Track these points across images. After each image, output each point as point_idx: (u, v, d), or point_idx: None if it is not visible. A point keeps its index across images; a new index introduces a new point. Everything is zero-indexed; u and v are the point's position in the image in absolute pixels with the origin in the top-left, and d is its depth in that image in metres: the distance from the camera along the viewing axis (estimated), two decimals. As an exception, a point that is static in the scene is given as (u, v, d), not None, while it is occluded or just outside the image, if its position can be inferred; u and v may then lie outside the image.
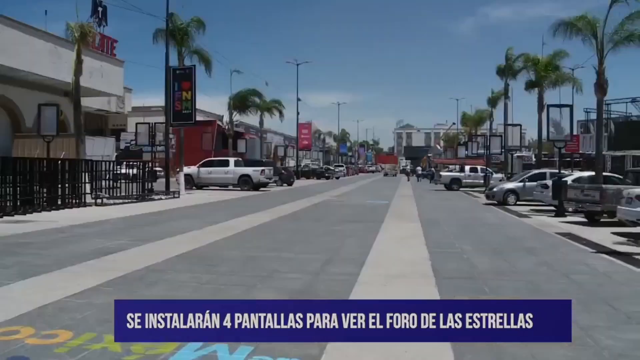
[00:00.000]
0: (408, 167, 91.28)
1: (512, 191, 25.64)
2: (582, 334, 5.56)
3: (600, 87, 22.31)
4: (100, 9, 41.21)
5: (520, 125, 40.22)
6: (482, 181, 38.13)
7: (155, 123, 34.31)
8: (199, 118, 34.26)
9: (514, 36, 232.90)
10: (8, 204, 17.15)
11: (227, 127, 52.49)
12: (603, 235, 14.00)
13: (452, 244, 12.29)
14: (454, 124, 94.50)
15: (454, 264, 9.60)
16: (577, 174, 24.04)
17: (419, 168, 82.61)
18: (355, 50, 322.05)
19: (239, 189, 34.98)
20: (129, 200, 23.35)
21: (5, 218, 16.04)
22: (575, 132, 34.63)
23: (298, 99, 71.64)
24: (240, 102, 51.33)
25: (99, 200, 21.50)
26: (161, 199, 25.59)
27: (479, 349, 5.03)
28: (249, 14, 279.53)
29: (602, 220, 17.20)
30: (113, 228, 14.28)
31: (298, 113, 73.14)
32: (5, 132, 36.64)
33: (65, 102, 35.17)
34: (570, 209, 19.21)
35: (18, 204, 17.48)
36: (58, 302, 6.47)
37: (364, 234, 13.77)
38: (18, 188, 17.67)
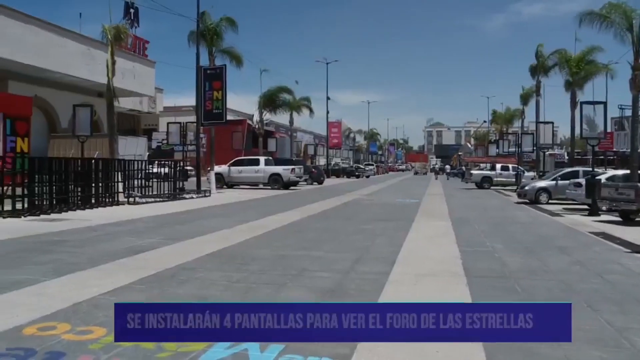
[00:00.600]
0: (437, 165, 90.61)
1: (544, 189, 25.28)
2: (617, 336, 5.47)
3: (635, 83, 21.84)
4: (132, 10, 41.79)
5: (553, 123, 39.58)
6: (514, 179, 37.66)
7: (186, 123, 34.72)
8: (229, 117, 34.50)
9: (546, 33, 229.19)
10: (44, 203, 17.49)
11: (257, 126, 52.74)
12: (638, 234, 13.72)
13: (483, 242, 12.17)
14: (484, 122, 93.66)
15: (485, 263, 9.51)
16: (611, 172, 23.58)
17: (447, 166, 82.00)
18: (384, 48, 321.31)
19: (269, 187, 35.13)
20: (161, 199, 23.63)
21: (42, 216, 16.37)
22: (609, 130, 34.02)
23: (328, 98, 71.63)
24: (270, 101, 51.51)
25: (131, 199, 21.80)
26: (192, 197, 25.84)
27: (510, 349, 4.97)
28: (278, 13, 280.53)
29: (637, 219, 16.85)
30: (145, 227, 14.46)
31: (328, 112, 73.19)
32: (42, 132, 37.35)
33: (99, 102, 35.77)
34: (604, 208, 18.87)
35: (54, 202, 17.81)
36: (92, 300, 6.58)
37: (394, 232, 13.72)
38: (54, 187, 18.01)
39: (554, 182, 25.21)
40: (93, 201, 19.82)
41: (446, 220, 16.78)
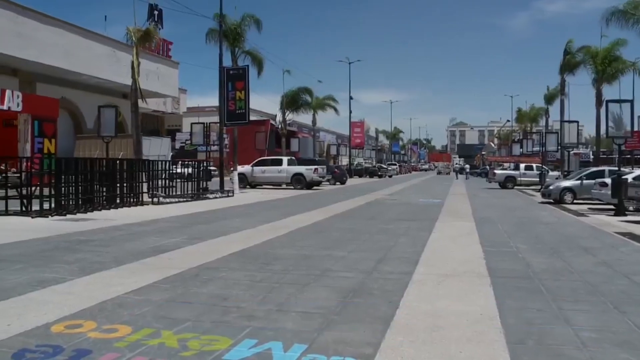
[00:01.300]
0: (457, 165, 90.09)
1: (569, 189, 24.97)
2: (646, 338, 5.37)
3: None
4: (156, 12, 42.12)
5: (577, 122, 39.05)
6: (538, 179, 37.27)
7: (209, 123, 34.91)
8: (252, 117, 34.66)
9: (570, 30, 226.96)
10: (70, 203, 17.72)
11: (280, 126, 52.88)
12: (667, 234, 13.49)
13: (507, 242, 12.05)
14: (508, 121, 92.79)
15: (509, 263, 9.41)
16: (638, 171, 23.21)
17: (467, 166, 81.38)
18: (407, 47, 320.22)
19: (292, 187, 35.21)
20: (184, 199, 23.80)
21: (68, 216, 16.58)
22: (635, 128, 33.41)
23: (350, 97, 71.53)
24: (293, 101, 51.63)
25: (155, 199, 21.99)
26: (215, 197, 25.99)
27: (536, 351, 4.91)
28: (300, 13, 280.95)
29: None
30: (169, 226, 14.57)
31: (350, 111, 73.10)
32: (68, 133, 37.92)
33: (124, 103, 36.19)
34: (630, 208, 18.59)
35: (80, 202, 18.02)
36: (117, 298, 6.65)
37: (417, 232, 13.66)
38: (80, 187, 18.23)
39: (578, 181, 24.89)
40: (118, 201, 20.03)
41: (469, 220, 16.66)
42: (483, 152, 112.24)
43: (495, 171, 44.55)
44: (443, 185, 43.89)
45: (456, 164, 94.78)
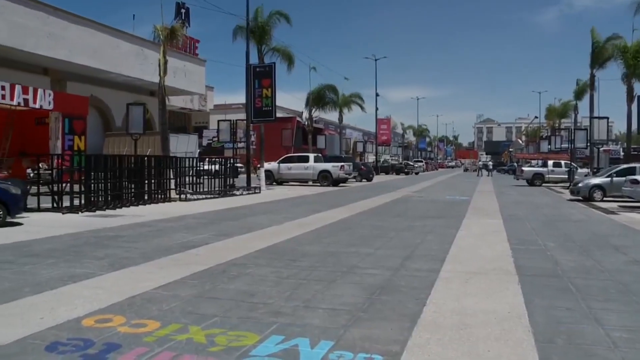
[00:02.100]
0: (480, 162, 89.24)
1: (598, 187, 24.53)
2: (680, 337, 5.27)
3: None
4: (183, 10, 42.47)
5: (608, 118, 38.38)
6: (566, 176, 36.73)
7: (236, 120, 35.10)
8: (278, 114, 34.75)
9: (600, 25, 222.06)
10: (100, 199, 17.96)
11: (306, 123, 52.93)
12: (701, 233, 13.20)
13: (535, 240, 11.91)
14: (536, 117, 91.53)
15: (537, 261, 9.30)
16: (671, 168, 22.74)
17: (490, 163, 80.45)
18: (434, 44, 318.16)
19: (319, 184, 35.23)
20: (212, 196, 23.95)
21: (98, 212, 16.82)
22: (668, 124, 32.73)
23: (377, 94, 71.22)
24: (319, 98, 51.61)
25: (183, 196, 22.18)
26: (242, 194, 26.12)
27: (566, 351, 4.85)
28: (326, 10, 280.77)
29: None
30: (196, 223, 14.70)
31: (377, 108, 72.81)
32: (97, 130, 38.46)
33: (151, 101, 36.57)
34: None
35: (109, 199, 18.27)
36: (146, 294, 6.73)
37: (444, 229, 13.57)
38: (109, 184, 18.48)
39: (608, 179, 24.45)
40: (146, 198, 20.25)
41: (497, 218, 16.50)
42: (510, 149, 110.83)
43: (523, 168, 43.96)
44: (470, 183, 43.52)
45: (482, 161, 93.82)
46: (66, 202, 16.87)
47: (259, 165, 32.68)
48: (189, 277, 7.69)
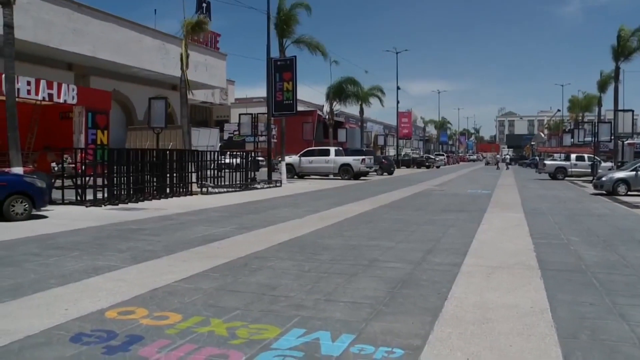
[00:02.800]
0: (498, 156, 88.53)
1: (622, 180, 24.15)
2: None
3: None
4: (204, 4, 42.58)
5: (632, 111, 37.71)
6: (589, 170, 36.23)
7: (257, 114, 35.14)
8: (299, 108, 34.71)
9: (625, 17, 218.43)
10: (122, 192, 18.14)
11: (327, 116, 52.87)
12: None
13: (558, 234, 11.78)
14: (558, 110, 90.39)
15: (560, 256, 9.19)
16: (699, 162, 22.30)
17: (507, 156, 79.68)
18: (455, 37, 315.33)
19: (340, 178, 35.20)
20: (233, 189, 24.06)
21: (120, 205, 16.99)
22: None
23: (398, 88, 71.03)
24: (339, 91, 51.48)
25: (204, 189, 22.30)
26: (263, 187, 26.20)
27: (590, 348, 4.78)
28: (347, 3, 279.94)
29: None
30: (218, 216, 14.77)
31: (398, 102, 72.82)
32: (120, 124, 38.80)
33: (173, 95, 36.80)
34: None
35: (131, 192, 18.44)
36: (168, 286, 6.78)
37: (465, 223, 13.49)
38: (131, 177, 18.65)
39: (633, 172, 24.07)
40: (168, 191, 20.40)
41: (519, 212, 16.35)
42: (532, 143, 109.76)
43: (546, 162, 43.45)
44: (491, 176, 43.18)
45: (505, 154, 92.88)
46: (89, 196, 17.06)
47: (279, 158, 32.71)
48: (210, 270, 7.73)
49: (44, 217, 13.80)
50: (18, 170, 16.12)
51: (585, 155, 40.39)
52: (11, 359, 4.41)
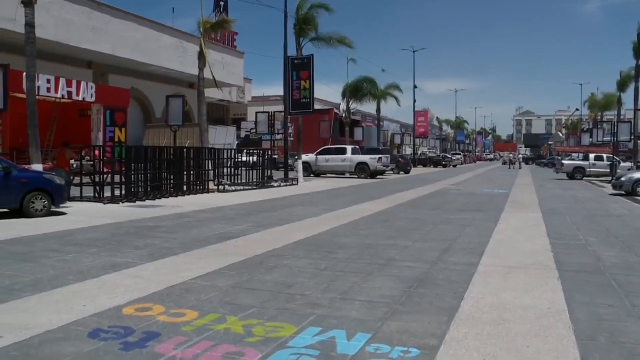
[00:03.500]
0: (511, 155, 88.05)
1: (642, 181, 23.86)
2: None
3: None
4: (221, 3, 42.71)
5: (654, 110, 37.32)
6: (608, 170, 35.84)
7: (274, 112, 35.19)
8: (315, 106, 34.70)
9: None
10: (140, 190, 18.26)
11: (343, 115, 52.83)
12: None
13: (576, 235, 11.67)
14: (577, 109, 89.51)
15: (577, 257, 9.11)
16: None
17: (520, 155, 79.10)
18: (472, 35, 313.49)
19: (356, 176, 35.16)
20: (249, 187, 24.13)
21: (138, 203, 17.11)
22: None
23: (415, 86, 70.74)
24: (355, 90, 51.41)
25: (221, 187, 22.38)
26: (280, 186, 26.24)
27: (608, 349, 4.74)
28: (364, 1, 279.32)
29: None
30: (234, 213, 14.82)
31: (415, 100, 72.40)
32: (138, 122, 39.07)
33: (190, 93, 36.99)
34: None
35: (148, 189, 18.56)
36: (184, 283, 6.82)
37: (482, 223, 13.41)
38: (148, 175, 18.77)
39: (654, 172, 23.78)
40: (184, 188, 20.50)
41: (536, 212, 16.22)
42: (550, 142, 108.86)
43: (563, 161, 43.04)
44: (508, 176, 42.89)
45: (518, 154, 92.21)
46: (107, 193, 17.22)
47: (296, 157, 32.70)
48: (226, 268, 7.76)
49: (63, 213, 13.94)
50: (37, 167, 16.32)
51: (604, 155, 39.96)
52: (31, 353, 4.46)
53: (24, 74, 17.57)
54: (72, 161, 23.94)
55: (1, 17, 24.87)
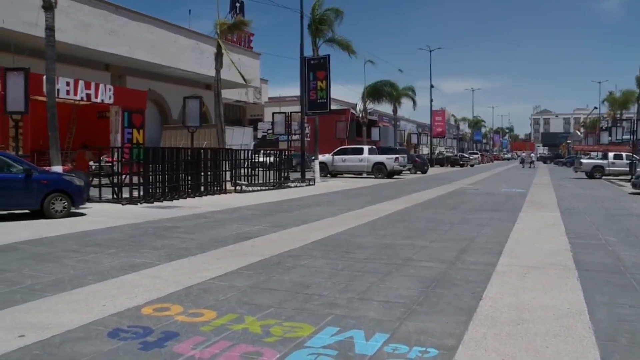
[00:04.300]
0: (523, 154, 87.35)
1: (662, 180, 23.54)
2: None
3: None
4: (238, 4, 42.82)
5: (674, 108, 36.79)
6: (628, 169, 35.41)
7: (290, 112, 35.21)
8: (332, 107, 34.70)
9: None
10: (157, 191, 18.38)
11: (360, 115, 52.76)
12: None
13: (595, 234, 11.55)
14: (595, 108, 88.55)
15: (597, 256, 9.01)
16: None
17: (533, 155, 78.44)
18: (489, 34, 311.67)
19: (373, 176, 35.11)
20: (266, 188, 24.18)
21: (156, 203, 17.23)
22: None
23: (431, 86, 70.54)
24: (374, 91, 51.32)
25: (238, 188, 22.45)
26: (297, 186, 26.27)
27: (630, 350, 4.69)
28: (381, 1, 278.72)
29: None
30: (251, 214, 14.87)
31: (431, 100, 72.16)
32: (155, 123, 39.29)
33: (207, 94, 37.15)
34: None
35: (166, 190, 18.67)
36: (202, 284, 6.86)
37: (500, 222, 13.33)
38: (166, 176, 18.88)
39: (675, 171, 23.45)
40: (202, 189, 20.61)
41: (555, 211, 16.09)
42: (568, 141, 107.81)
43: (582, 160, 42.58)
44: (526, 175, 42.57)
45: (531, 153, 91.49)
46: (126, 194, 17.35)
47: (313, 157, 32.71)
48: (244, 268, 7.79)
49: (82, 214, 14.08)
50: (58, 168, 16.50)
51: (624, 154, 39.48)
52: (53, 352, 4.51)
53: (44, 77, 17.79)
54: (91, 162, 24.16)
55: (24, 22, 25.15)
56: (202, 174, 21.06)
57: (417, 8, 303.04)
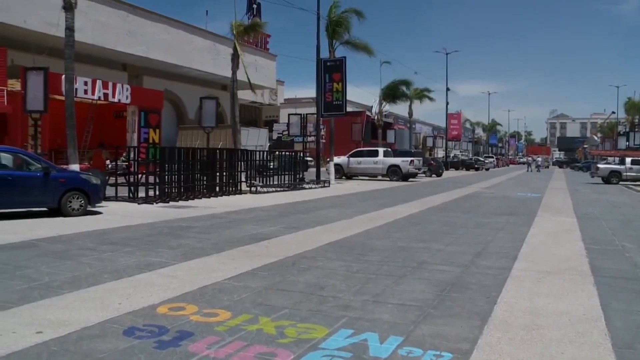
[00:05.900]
0: (530, 158, 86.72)
1: (683, 185, 23.26)
2: None
3: None
4: (254, 5, 42.98)
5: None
6: (645, 174, 35.01)
7: (306, 114, 35.28)
8: (348, 109, 34.72)
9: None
10: (173, 190, 18.48)
11: (376, 117, 52.72)
12: None
13: (612, 240, 11.43)
14: (613, 112, 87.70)
15: (614, 262, 8.92)
16: None
17: (539, 159, 78.03)
18: (506, 37, 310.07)
19: (388, 179, 35.06)
20: (281, 189, 24.23)
21: (171, 203, 17.32)
22: None
23: (447, 89, 70.19)
24: (392, 92, 51.24)
25: (253, 188, 22.52)
26: (312, 188, 26.29)
27: (647, 355, 4.65)
28: (397, 3, 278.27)
29: None
30: (266, 215, 14.90)
31: (447, 103, 71.79)
32: (171, 123, 39.55)
33: (223, 95, 37.31)
34: None
35: (182, 190, 18.77)
36: (217, 284, 6.89)
37: (515, 227, 13.25)
38: (182, 176, 18.99)
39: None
40: (217, 190, 20.69)
41: (570, 216, 15.96)
42: (585, 146, 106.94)
43: (599, 165, 42.16)
44: (541, 180, 42.26)
45: (537, 157, 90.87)
46: (142, 193, 17.47)
47: (328, 159, 32.72)
48: (259, 269, 7.81)
49: (99, 213, 14.20)
50: (75, 167, 16.66)
51: (642, 159, 39.05)
52: (70, 349, 4.56)
53: (63, 76, 17.96)
54: (107, 161, 24.38)
55: (44, 22, 25.44)
56: (218, 174, 21.15)
57: (433, 11, 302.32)
